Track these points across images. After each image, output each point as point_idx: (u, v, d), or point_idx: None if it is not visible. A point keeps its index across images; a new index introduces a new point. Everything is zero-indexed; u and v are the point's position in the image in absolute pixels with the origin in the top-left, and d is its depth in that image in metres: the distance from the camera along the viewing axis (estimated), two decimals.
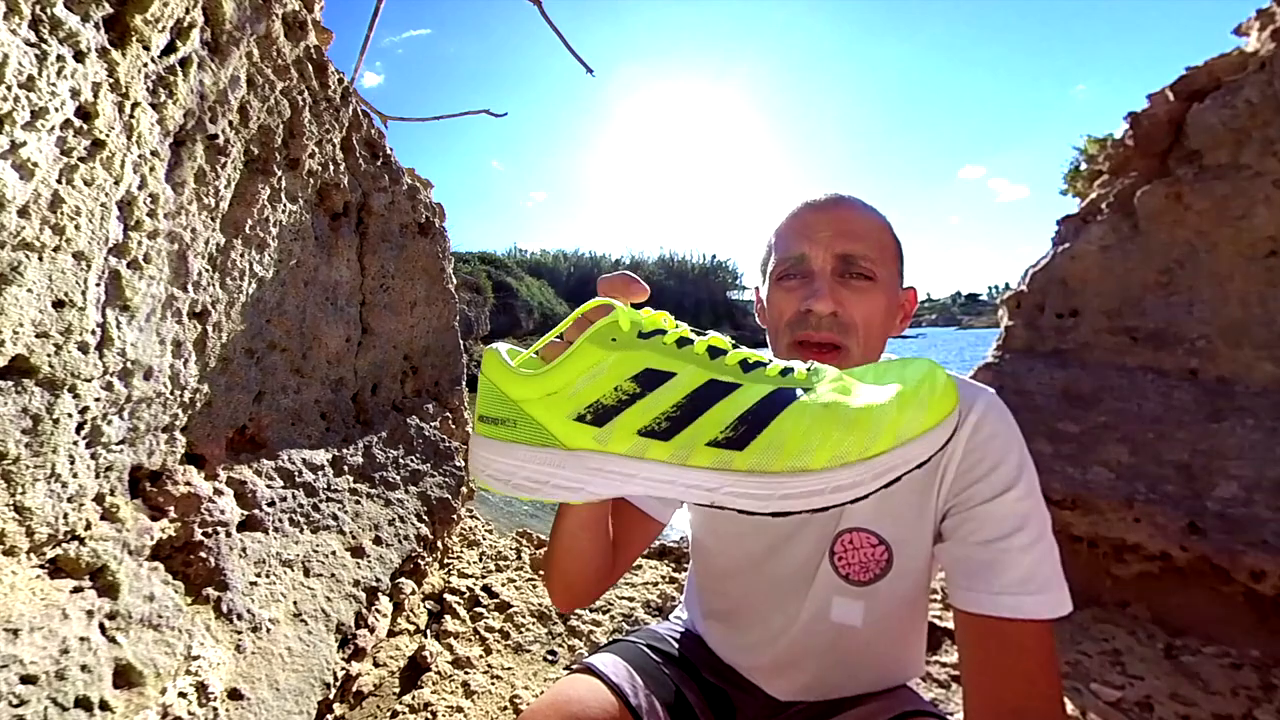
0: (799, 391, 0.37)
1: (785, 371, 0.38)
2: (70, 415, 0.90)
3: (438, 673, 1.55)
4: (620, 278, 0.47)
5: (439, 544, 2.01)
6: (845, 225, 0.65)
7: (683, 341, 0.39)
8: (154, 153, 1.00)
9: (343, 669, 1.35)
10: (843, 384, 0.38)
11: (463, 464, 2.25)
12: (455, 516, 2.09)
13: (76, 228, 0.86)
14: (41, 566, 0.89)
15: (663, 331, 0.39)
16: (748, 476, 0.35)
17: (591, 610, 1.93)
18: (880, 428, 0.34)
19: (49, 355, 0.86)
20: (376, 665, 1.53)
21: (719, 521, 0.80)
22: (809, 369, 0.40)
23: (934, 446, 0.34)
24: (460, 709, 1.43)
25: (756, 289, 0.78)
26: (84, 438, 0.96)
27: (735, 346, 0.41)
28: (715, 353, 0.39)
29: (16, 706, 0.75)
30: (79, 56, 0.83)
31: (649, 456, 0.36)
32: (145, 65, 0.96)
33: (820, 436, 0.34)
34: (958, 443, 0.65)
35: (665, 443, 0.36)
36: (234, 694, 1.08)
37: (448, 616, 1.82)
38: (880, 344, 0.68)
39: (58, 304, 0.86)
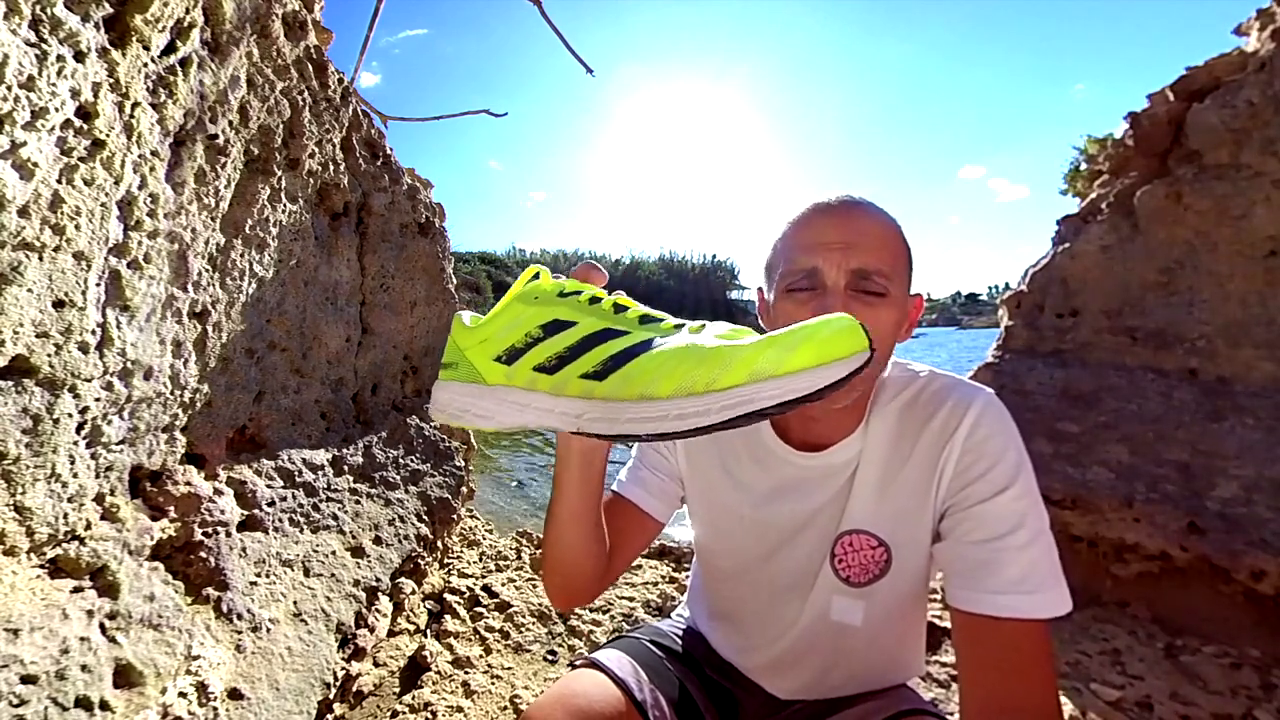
0: (675, 337, 0.40)
1: (678, 326, 0.42)
2: (70, 415, 0.91)
3: (438, 673, 1.55)
4: (583, 266, 0.53)
5: (439, 544, 2.01)
6: (859, 237, 0.63)
7: (594, 300, 0.45)
8: (154, 153, 1.00)
9: (343, 669, 1.35)
10: (727, 333, 0.39)
11: (463, 464, 2.25)
12: (455, 516, 2.09)
13: (76, 228, 0.86)
14: (42, 566, 0.89)
15: (578, 292, 0.45)
16: (602, 403, 0.38)
17: (591, 610, 1.93)
18: (732, 363, 0.35)
19: (49, 355, 0.86)
20: (376, 665, 1.53)
21: (722, 524, 0.80)
22: (703, 325, 0.42)
23: (791, 390, 0.34)
24: (460, 709, 1.43)
25: (760, 290, 0.76)
26: (84, 438, 0.96)
27: (643, 310, 0.46)
28: (620, 309, 0.44)
29: (17, 706, 0.75)
30: (79, 56, 0.83)
31: (537, 388, 0.42)
32: (145, 65, 0.96)
33: (670, 369, 0.37)
34: (955, 443, 0.65)
35: (550, 376, 0.41)
36: (234, 694, 1.08)
37: (448, 616, 1.82)
38: (888, 353, 0.67)
39: (58, 304, 0.86)
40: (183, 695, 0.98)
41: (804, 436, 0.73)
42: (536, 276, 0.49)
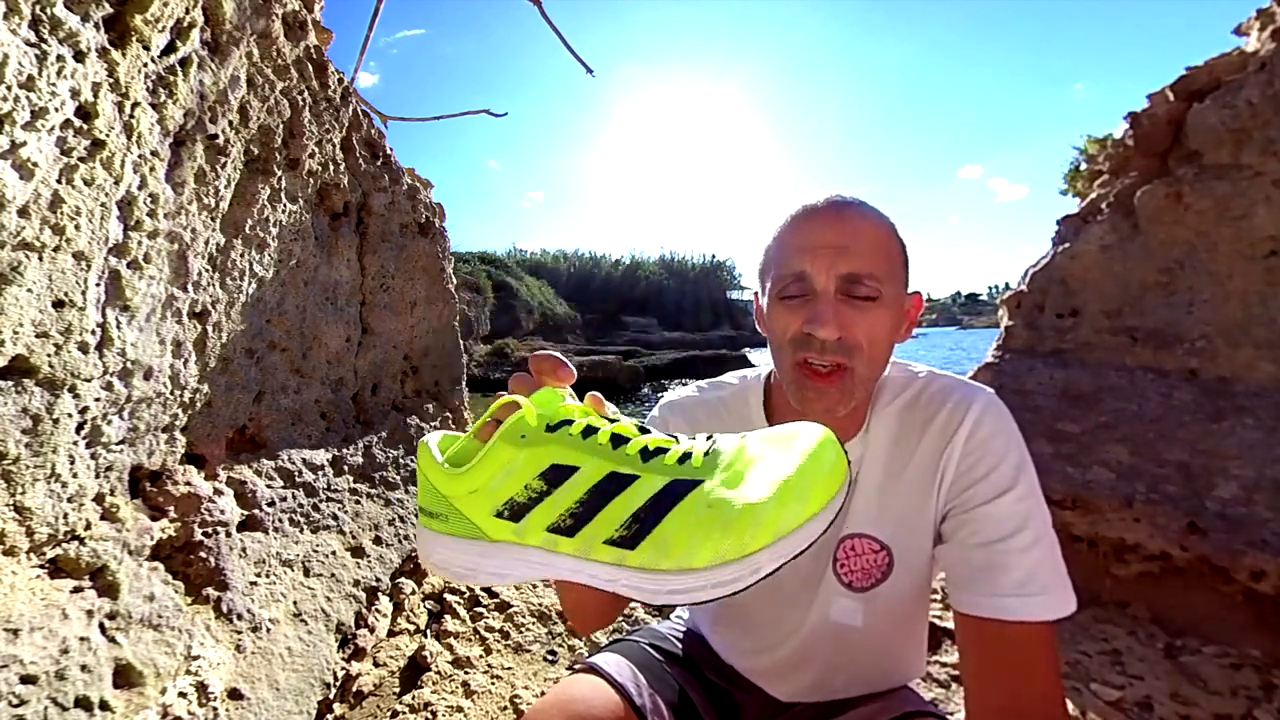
0: (691, 484, 0.39)
1: (683, 458, 0.40)
2: (70, 415, 0.90)
3: (438, 673, 1.55)
4: (549, 360, 0.47)
5: None
6: (849, 240, 0.61)
7: (588, 431, 0.41)
8: (154, 153, 1.00)
9: (343, 669, 1.35)
10: (733, 472, 0.39)
11: None
12: None
13: (76, 228, 0.86)
14: (41, 566, 0.89)
15: (570, 422, 0.41)
16: (639, 573, 0.37)
17: None
18: (759, 526, 0.36)
19: (49, 355, 0.86)
20: (376, 665, 1.53)
21: None
22: (706, 452, 0.41)
23: (810, 537, 0.37)
24: (460, 709, 1.43)
25: (756, 294, 0.76)
26: (84, 438, 0.96)
27: (643, 431, 0.43)
28: (618, 441, 0.41)
29: (16, 706, 0.75)
30: (79, 56, 0.83)
31: (560, 550, 0.39)
32: (145, 65, 0.96)
33: (702, 537, 0.36)
34: (956, 444, 0.64)
35: (571, 539, 0.38)
36: (234, 694, 1.08)
37: (448, 616, 1.82)
38: (886, 356, 0.66)
39: (58, 304, 0.86)
40: (183, 695, 0.98)
41: None
42: (517, 405, 0.44)
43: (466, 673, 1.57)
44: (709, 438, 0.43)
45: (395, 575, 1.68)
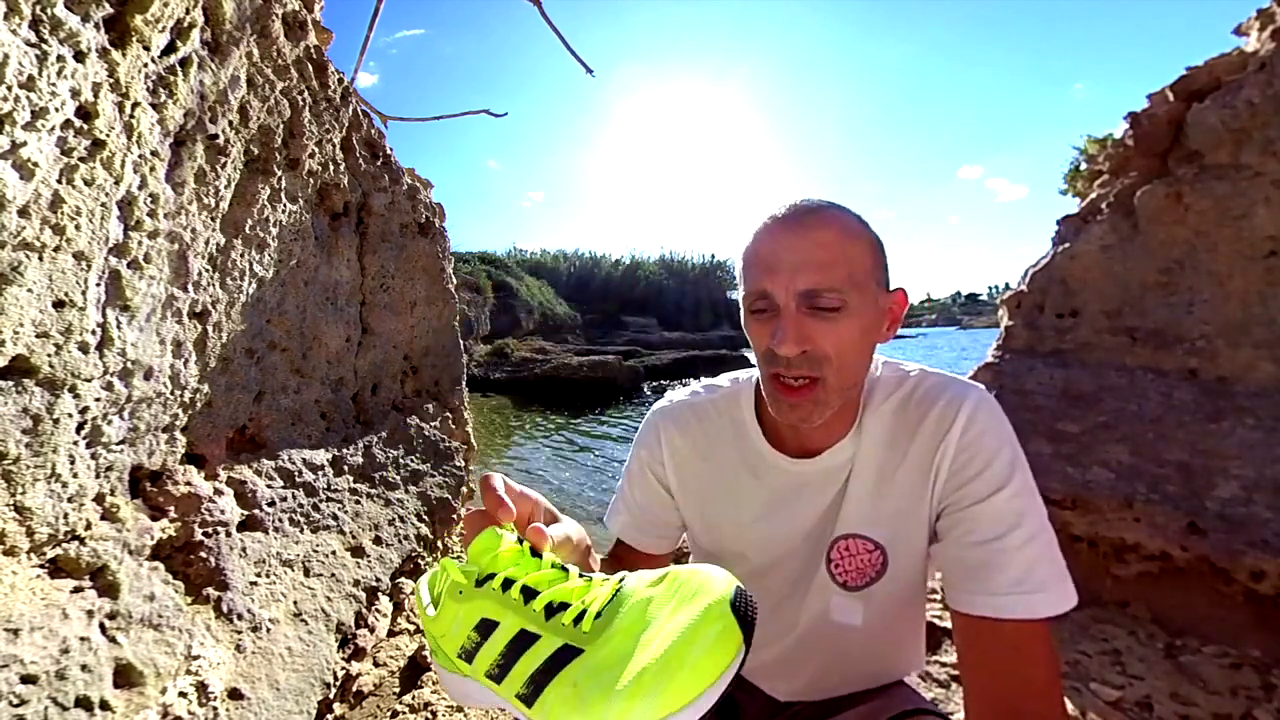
0: (574, 651, 0.40)
1: (578, 618, 0.42)
2: (70, 415, 0.91)
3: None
4: (491, 495, 0.50)
5: (439, 544, 2.01)
6: (807, 254, 0.60)
7: (506, 584, 0.45)
8: (154, 153, 1.00)
9: (343, 669, 1.35)
10: (613, 645, 0.39)
11: (462, 464, 2.25)
12: (455, 516, 2.09)
13: (77, 228, 0.86)
14: (42, 566, 0.89)
15: (491, 575, 0.45)
16: None
17: None
18: (609, 715, 0.37)
19: (49, 355, 0.86)
20: (376, 665, 1.53)
21: (719, 539, 0.80)
22: (599, 614, 0.42)
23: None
24: (460, 709, 1.43)
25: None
26: (84, 438, 0.96)
27: (557, 574, 0.46)
28: (529, 595, 0.44)
29: (17, 706, 0.75)
30: (79, 56, 0.83)
31: (498, 693, 0.43)
32: (145, 65, 0.96)
33: (568, 713, 0.38)
34: (949, 442, 0.64)
35: (498, 685, 0.42)
36: (234, 694, 1.08)
37: None
38: (863, 361, 0.66)
39: (58, 304, 0.86)
40: (183, 695, 0.98)
41: (796, 442, 0.72)
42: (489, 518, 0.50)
43: None
44: (620, 580, 0.44)
45: (395, 575, 1.68)
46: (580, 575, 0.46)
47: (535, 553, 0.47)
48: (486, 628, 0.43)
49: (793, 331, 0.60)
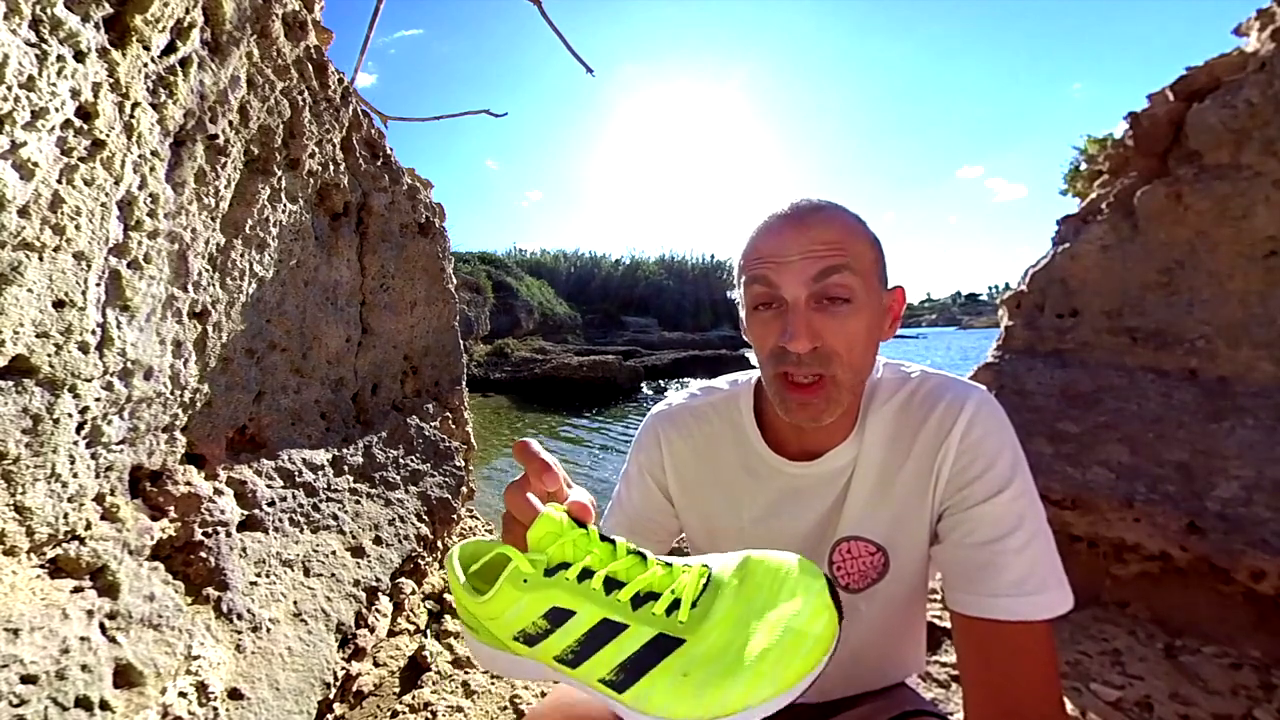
0: (675, 642, 0.42)
1: (671, 608, 0.43)
2: (70, 415, 0.91)
3: (438, 672, 1.55)
4: (535, 461, 0.47)
5: (439, 544, 2.01)
6: (813, 247, 0.60)
7: (584, 575, 0.44)
8: (154, 153, 1.00)
9: (343, 669, 1.35)
10: (716, 635, 0.41)
11: (462, 464, 2.25)
12: (455, 516, 2.09)
13: (77, 228, 0.86)
14: (42, 566, 0.89)
15: (566, 565, 0.45)
16: (626, 708, 0.42)
17: None
18: (728, 701, 0.39)
19: (49, 355, 0.86)
20: (376, 665, 1.53)
21: (720, 542, 0.79)
22: (694, 602, 0.43)
23: (781, 705, 0.39)
24: (460, 709, 1.43)
25: (736, 302, 0.74)
26: (84, 438, 0.96)
27: (636, 561, 0.45)
28: (611, 586, 0.44)
29: (17, 706, 0.75)
30: (79, 56, 0.83)
31: (565, 674, 0.44)
32: (145, 65, 0.96)
33: (678, 701, 0.40)
34: (950, 444, 0.64)
35: (573, 670, 0.43)
36: (234, 694, 1.08)
37: (448, 616, 1.82)
38: (870, 358, 0.65)
39: (58, 304, 0.86)
40: (183, 695, 0.98)
41: (797, 445, 0.72)
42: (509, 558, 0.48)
43: (466, 673, 1.57)
44: (705, 567, 0.45)
45: (395, 575, 1.68)
46: (659, 562, 0.46)
47: (604, 538, 0.46)
48: (559, 616, 0.43)
49: (804, 327, 0.60)
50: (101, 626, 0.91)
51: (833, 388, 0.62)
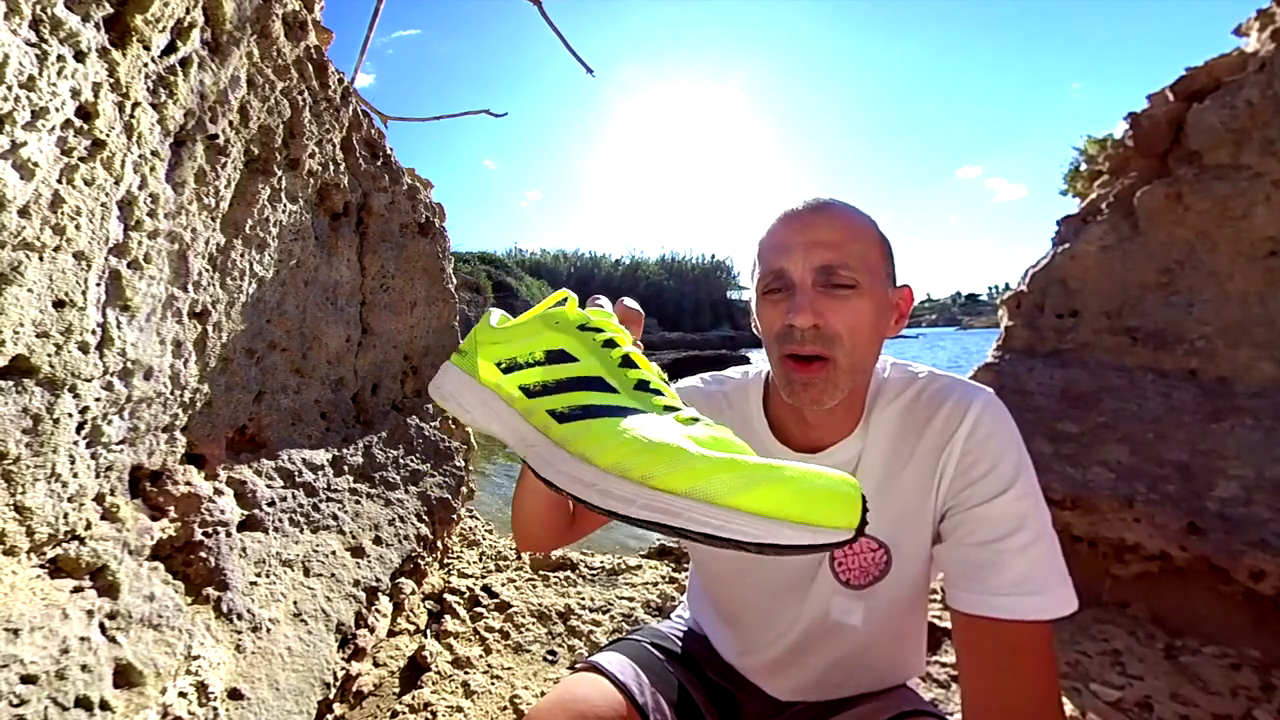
0: (654, 420, 0.37)
1: (668, 409, 0.40)
2: (70, 415, 0.91)
3: (438, 673, 1.55)
4: (625, 306, 0.61)
5: (439, 544, 2.01)
6: (822, 235, 0.64)
7: (609, 344, 0.45)
8: (154, 153, 1.00)
9: (343, 669, 1.35)
10: (710, 440, 0.35)
11: (463, 464, 2.25)
12: (455, 516, 2.09)
13: (77, 228, 0.86)
14: (41, 566, 0.89)
15: (600, 330, 0.46)
16: (549, 444, 0.39)
17: (591, 610, 1.93)
18: (677, 468, 0.31)
19: (49, 355, 0.86)
20: (376, 665, 1.53)
21: None
22: (694, 418, 0.38)
23: (730, 529, 0.30)
24: (460, 709, 1.43)
25: (750, 300, 0.79)
26: (84, 438, 0.96)
27: (661, 379, 0.46)
28: (626, 363, 0.44)
29: (17, 706, 0.75)
30: (79, 56, 0.83)
31: (513, 406, 0.44)
32: (145, 65, 0.96)
33: (617, 444, 0.34)
34: (955, 444, 0.65)
35: (527, 400, 0.43)
36: (234, 694, 1.08)
37: (448, 616, 1.82)
38: (873, 349, 0.66)
39: (58, 304, 0.86)
40: (183, 695, 0.98)
41: (803, 437, 0.73)
42: (564, 301, 0.51)
43: (466, 673, 1.57)
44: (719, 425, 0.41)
45: (395, 575, 1.68)
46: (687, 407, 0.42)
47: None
48: (559, 357, 0.44)
49: (808, 304, 0.63)
50: (101, 626, 0.91)
51: (833, 370, 0.64)
